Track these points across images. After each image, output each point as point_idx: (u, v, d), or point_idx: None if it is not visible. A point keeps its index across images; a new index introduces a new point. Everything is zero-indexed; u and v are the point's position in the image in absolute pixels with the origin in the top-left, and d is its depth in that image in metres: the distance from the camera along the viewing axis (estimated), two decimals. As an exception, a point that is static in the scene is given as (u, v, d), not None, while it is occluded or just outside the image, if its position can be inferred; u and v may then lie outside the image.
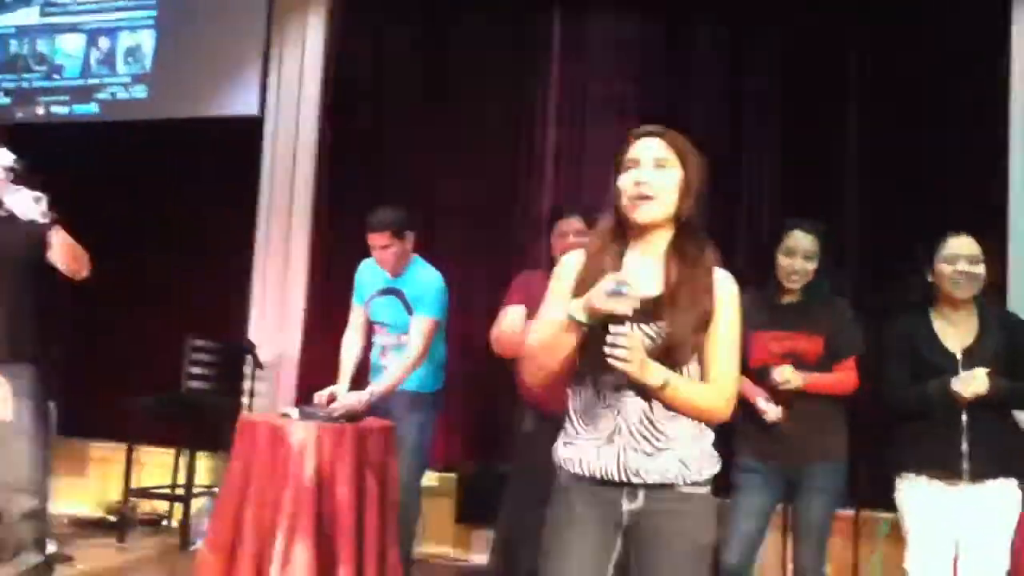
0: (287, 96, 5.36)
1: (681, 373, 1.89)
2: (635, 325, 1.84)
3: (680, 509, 1.89)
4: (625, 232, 1.95)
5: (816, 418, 3.04)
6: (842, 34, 4.37)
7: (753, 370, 3.08)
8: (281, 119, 5.37)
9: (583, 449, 1.92)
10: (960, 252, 2.83)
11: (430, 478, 4.65)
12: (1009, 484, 2.78)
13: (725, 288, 1.94)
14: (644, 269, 1.91)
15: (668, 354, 1.87)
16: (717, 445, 1.98)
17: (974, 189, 4.10)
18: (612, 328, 1.78)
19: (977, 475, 2.76)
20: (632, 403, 1.89)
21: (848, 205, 4.24)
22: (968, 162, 4.13)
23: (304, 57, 5.35)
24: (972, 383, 2.70)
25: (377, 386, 3.66)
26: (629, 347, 1.78)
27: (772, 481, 3.06)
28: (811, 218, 3.15)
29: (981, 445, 2.75)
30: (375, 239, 3.71)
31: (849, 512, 3.79)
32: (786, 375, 2.99)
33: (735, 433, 3.10)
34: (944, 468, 2.78)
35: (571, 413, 1.96)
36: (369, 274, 3.89)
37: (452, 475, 4.62)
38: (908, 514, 2.86)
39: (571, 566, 1.90)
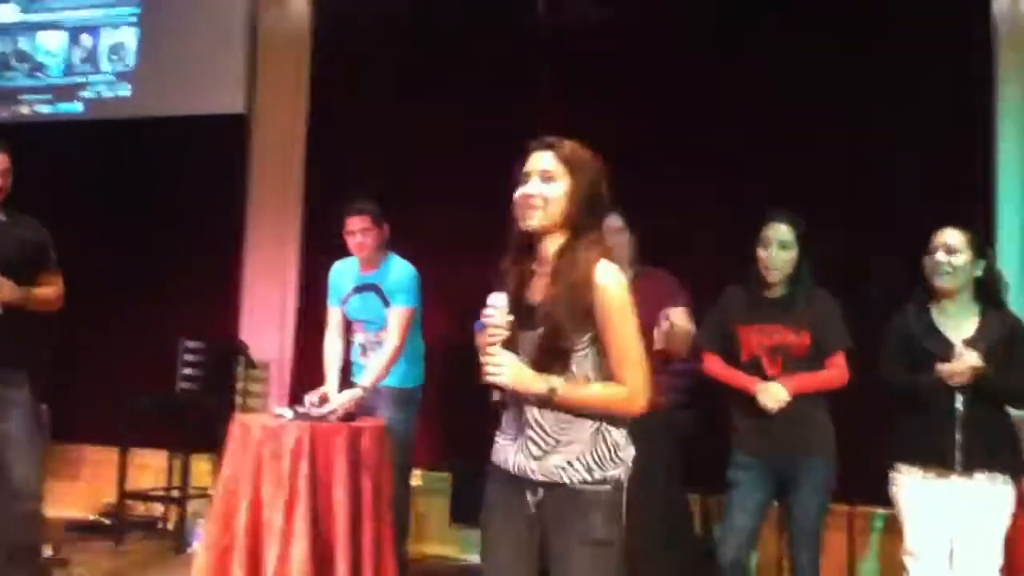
0: (274, 92, 5.34)
1: (574, 372, 1.97)
2: (523, 334, 1.97)
3: (574, 505, 1.98)
4: (531, 244, 2.04)
5: (802, 413, 3.06)
6: (833, 27, 4.37)
7: (744, 364, 3.11)
8: (268, 115, 5.34)
9: (500, 444, 2.11)
10: (938, 244, 2.86)
11: (425, 478, 4.66)
12: (1000, 478, 2.80)
13: (606, 279, 1.96)
14: (541, 279, 2.03)
15: (549, 354, 1.96)
16: (714, 441, 2.01)
17: (966, 182, 4.12)
18: (482, 354, 1.94)
19: (969, 467, 2.78)
20: (528, 407, 2.01)
21: (839, 199, 4.25)
22: (959, 155, 4.15)
23: (289, 52, 5.32)
24: (960, 366, 2.73)
25: (365, 381, 3.70)
26: (498, 364, 1.93)
27: (765, 477, 3.08)
28: (792, 211, 3.17)
29: (975, 437, 2.77)
30: (355, 223, 3.78)
31: (844, 508, 3.80)
32: (780, 397, 3.00)
33: (730, 430, 3.13)
34: (938, 459, 2.80)
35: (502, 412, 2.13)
36: (342, 274, 3.94)
37: (447, 475, 4.62)
38: (903, 506, 2.88)
39: (496, 552, 2.07)
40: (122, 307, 5.27)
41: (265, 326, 5.16)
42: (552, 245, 2.02)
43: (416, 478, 4.54)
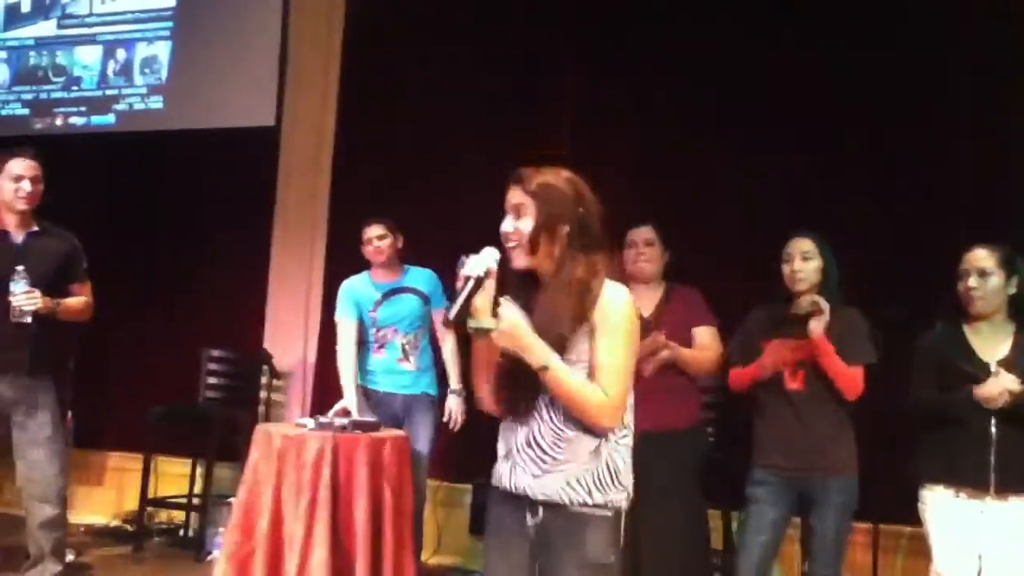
0: (304, 106, 5.39)
1: None
2: None
3: (575, 529, 1.94)
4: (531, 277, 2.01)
5: (825, 430, 3.03)
6: (852, 41, 4.36)
7: (767, 379, 3.09)
8: (298, 129, 5.39)
9: (498, 463, 2.07)
10: (969, 267, 2.82)
11: (445, 489, 4.66)
12: None
13: (610, 294, 1.95)
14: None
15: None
16: (737, 457, 1.98)
17: (990, 198, 4.08)
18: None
19: (1004, 488, 2.74)
20: (524, 426, 1.98)
21: (865, 216, 4.22)
22: (983, 168, 4.11)
23: (320, 67, 5.37)
24: (996, 388, 2.69)
25: (456, 383, 3.92)
26: (512, 322, 1.89)
27: (785, 494, 3.05)
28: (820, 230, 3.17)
29: (1009, 457, 2.73)
30: (374, 230, 3.94)
31: (868, 526, 3.75)
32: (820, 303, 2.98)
33: (751, 447, 3.11)
34: (971, 480, 2.76)
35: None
36: (361, 287, 4.00)
37: (467, 487, 4.61)
38: (933, 526, 2.84)
39: (496, 571, 2.06)
40: (148, 316, 5.32)
41: (290, 336, 5.19)
42: (547, 277, 1.99)
43: (437, 490, 4.54)
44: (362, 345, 3.96)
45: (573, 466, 1.94)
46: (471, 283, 1.89)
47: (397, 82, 5.13)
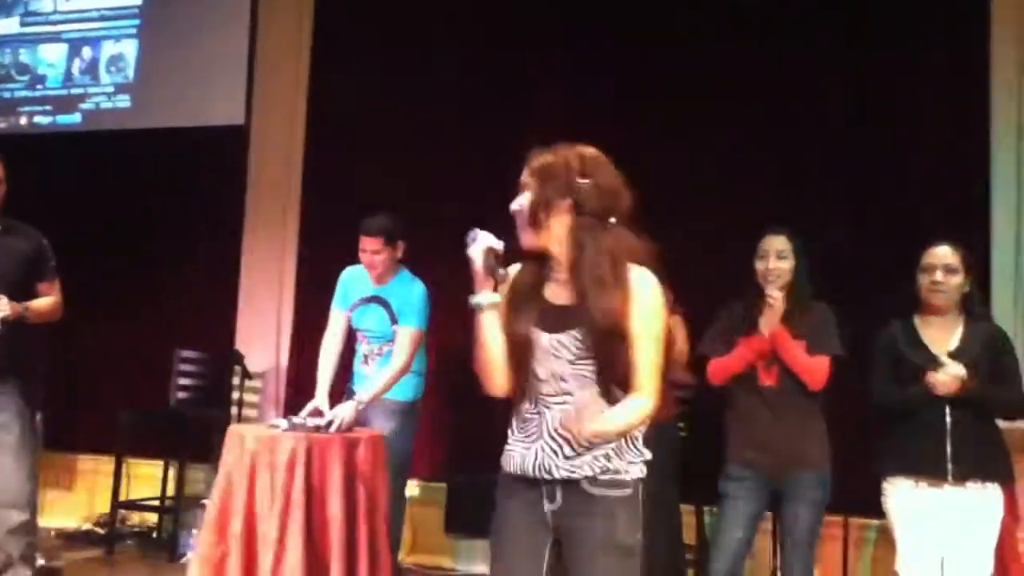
0: (273, 104, 5.36)
1: (619, 360, 1.91)
2: (553, 337, 1.94)
3: (598, 511, 1.93)
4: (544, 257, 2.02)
5: (798, 426, 3.07)
6: (828, 40, 4.41)
7: (741, 373, 3.12)
8: (267, 127, 5.36)
9: (513, 449, 2.02)
10: (936, 263, 2.90)
11: (420, 488, 4.66)
12: (990, 487, 2.84)
13: (641, 283, 1.95)
14: (561, 288, 2.00)
15: (601, 347, 1.90)
16: (711, 453, 2.02)
17: (959, 196, 4.14)
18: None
19: (961, 477, 2.82)
20: (556, 409, 1.96)
21: (833, 213, 4.28)
22: (953, 169, 4.18)
23: (290, 64, 5.35)
24: (946, 375, 2.77)
25: (363, 394, 3.68)
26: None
27: (758, 489, 3.09)
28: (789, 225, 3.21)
29: (965, 447, 2.81)
30: (368, 243, 3.76)
31: (838, 519, 3.81)
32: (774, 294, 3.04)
33: (723, 442, 3.14)
34: (930, 470, 2.83)
35: (511, 418, 2.06)
36: (354, 280, 3.92)
37: (442, 485, 4.62)
38: (896, 518, 2.90)
39: (507, 562, 2.01)
40: (118, 316, 5.27)
41: (262, 336, 5.17)
42: (559, 255, 1.99)
43: (411, 488, 4.54)
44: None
45: (604, 447, 1.93)
46: (488, 254, 1.94)
47: (368, 79, 5.11)
